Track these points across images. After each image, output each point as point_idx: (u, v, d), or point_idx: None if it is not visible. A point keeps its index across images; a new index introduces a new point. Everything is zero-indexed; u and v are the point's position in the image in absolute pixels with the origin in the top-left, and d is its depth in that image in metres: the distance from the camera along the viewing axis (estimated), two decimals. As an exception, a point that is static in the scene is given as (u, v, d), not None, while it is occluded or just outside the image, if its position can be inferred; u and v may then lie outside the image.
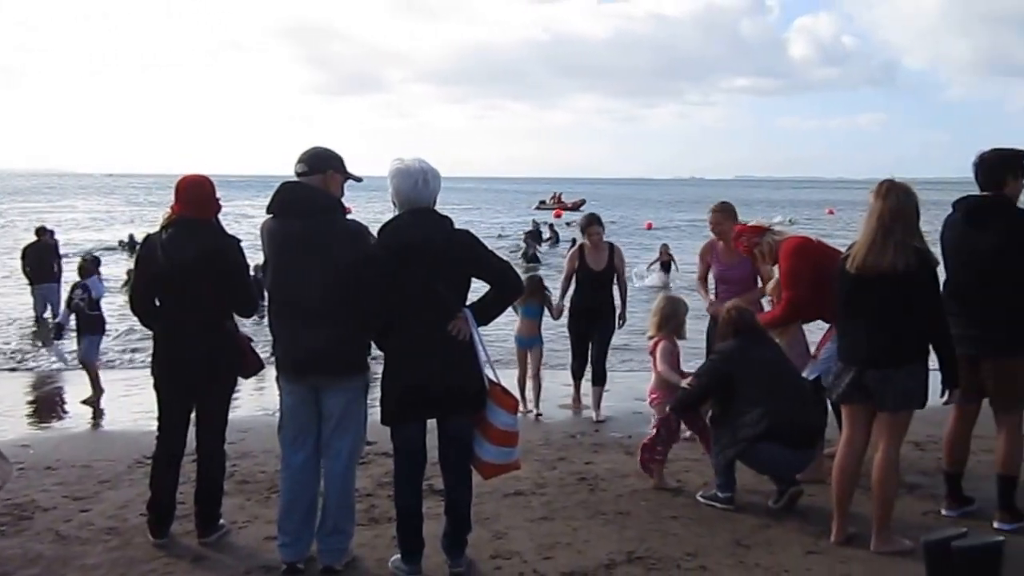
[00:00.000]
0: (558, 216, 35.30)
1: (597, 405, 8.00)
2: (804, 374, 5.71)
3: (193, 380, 4.78)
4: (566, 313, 8.22)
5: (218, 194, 4.92)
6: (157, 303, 4.83)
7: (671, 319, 6.07)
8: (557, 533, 5.02)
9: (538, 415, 8.10)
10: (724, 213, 7.13)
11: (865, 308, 4.63)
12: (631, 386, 9.06)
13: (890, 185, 4.64)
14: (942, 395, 4.70)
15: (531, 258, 27.04)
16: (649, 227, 43.58)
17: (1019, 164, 5.06)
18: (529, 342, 8.31)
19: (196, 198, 4.79)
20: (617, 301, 8.05)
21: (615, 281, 8.05)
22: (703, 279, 7.37)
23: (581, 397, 8.37)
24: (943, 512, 5.26)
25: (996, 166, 5.05)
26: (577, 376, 8.33)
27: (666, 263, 21.59)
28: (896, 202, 4.57)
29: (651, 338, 6.10)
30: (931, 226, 4.92)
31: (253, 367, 5.05)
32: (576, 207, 62.53)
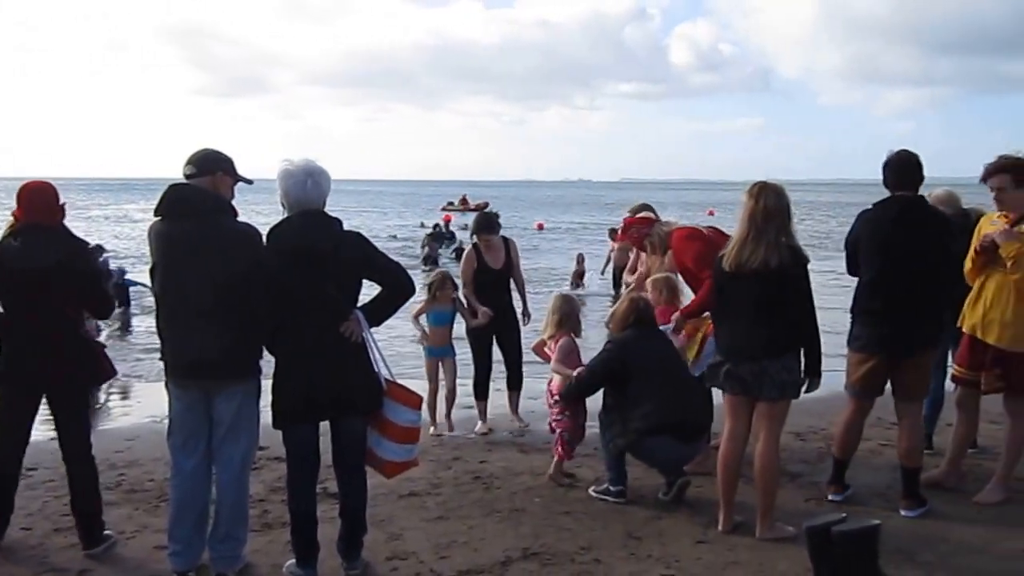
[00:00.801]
0: (447, 220, 35.19)
1: (516, 410, 7.52)
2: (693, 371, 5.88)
3: (45, 388, 4.64)
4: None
5: (62, 200, 4.77)
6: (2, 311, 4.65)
7: (570, 317, 6.15)
8: (453, 532, 5.05)
9: (451, 432, 7.35)
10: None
11: (740, 303, 4.82)
12: (526, 385, 9.09)
13: (762, 186, 4.84)
14: (802, 384, 4.90)
15: (430, 260, 26.58)
16: (540, 227, 43.85)
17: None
18: (440, 352, 7.44)
19: (42, 205, 4.64)
20: (517, 298, 7.69)
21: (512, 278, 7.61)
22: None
23: (487, 418, 7.55)
24: (830, 497, 5.46)
25: (916, 166, 5.26)
26: (483, 395, 7.54)
27: (580, 273, 20.97)
28: (768, 202, 4.76)
29: (551, 337, 6.17)
30: (812, 224, 5.15)
31: (106, 375, 4.99)
32: (480, 209, 62.79)
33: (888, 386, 5.39)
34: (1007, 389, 5.41)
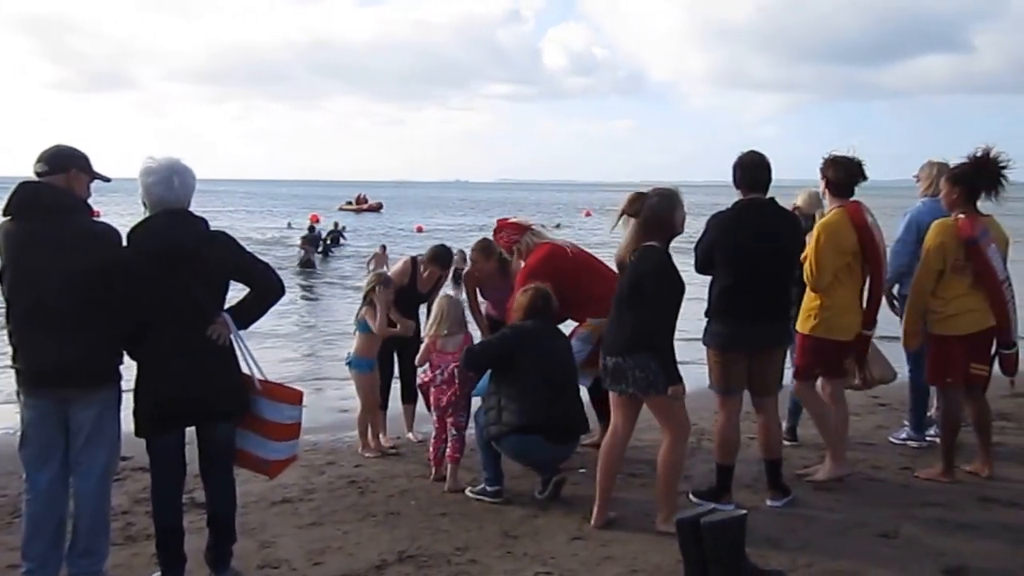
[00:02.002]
0: (315, 220, 34.65)
1: (411, 425, 7.17)
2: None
3: None
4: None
5: None
6: None
7: (450, 317, 6.11)
8: (327, 538, 4.96)
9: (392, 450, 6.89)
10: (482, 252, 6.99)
11: (615, 301, 4.97)
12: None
13: (639, 194, 4.98)
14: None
15: (306, 263, 25.97)
16: (419, 230, 43.43)
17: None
18: (369, 364, 6.78)
19: None
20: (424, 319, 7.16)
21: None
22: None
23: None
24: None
25: (765, 167, 5.41)
26: (383, 407, 7.13)
27: (459, 272, 20.69)
28: (646, 206, 4.90)
29: (432, 337, 6.10)
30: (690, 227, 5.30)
31: None
32: (375, 209, 62.45)
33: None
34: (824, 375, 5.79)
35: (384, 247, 21.68)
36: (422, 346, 6.10)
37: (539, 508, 5.40)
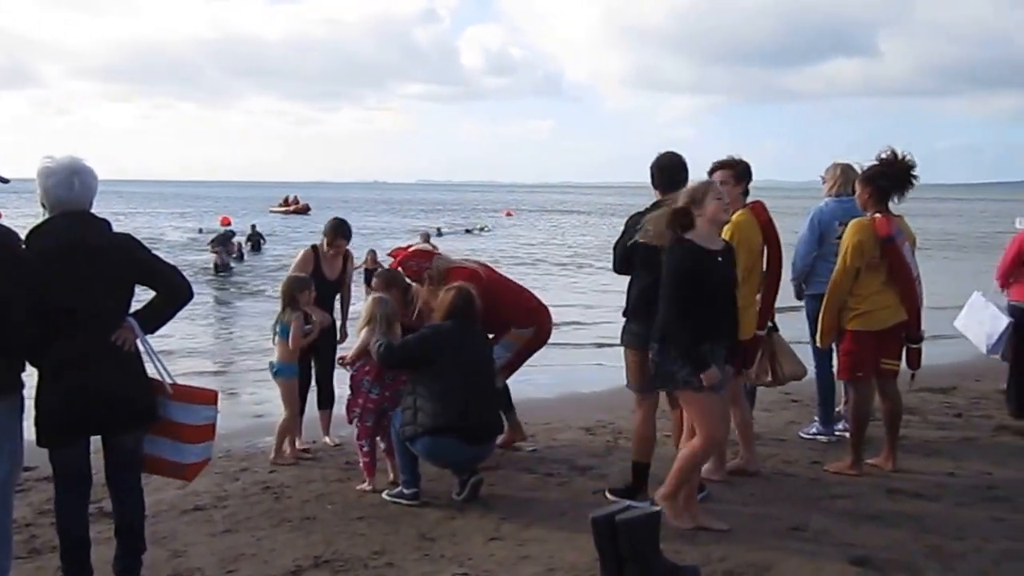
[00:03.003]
0: (227, 223, 33.80)
1: (328, 429, 7.02)
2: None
3: None
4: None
5: None
6: None
7: (387, 317, 6.04)
8: (240, 545, 4.87)
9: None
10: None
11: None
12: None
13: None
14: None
15: (221, 268, 25.13)
16: None
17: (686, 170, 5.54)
18: (293, 370, 6.61)
19: None
20: (338, 313, 7.26)
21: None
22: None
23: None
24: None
25: (682, 168, 5.48)
26: (301, 411, 6.87)
27: (371, 271, 20.21)
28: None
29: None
30: (605, 228, 5.34)
31: None
32: (303, 211, 61.87)
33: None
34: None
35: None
36: (356, 344, 5.96)
37: (457, 510, 5.38)
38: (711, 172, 5.77)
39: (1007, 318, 7.39)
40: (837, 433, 6.82)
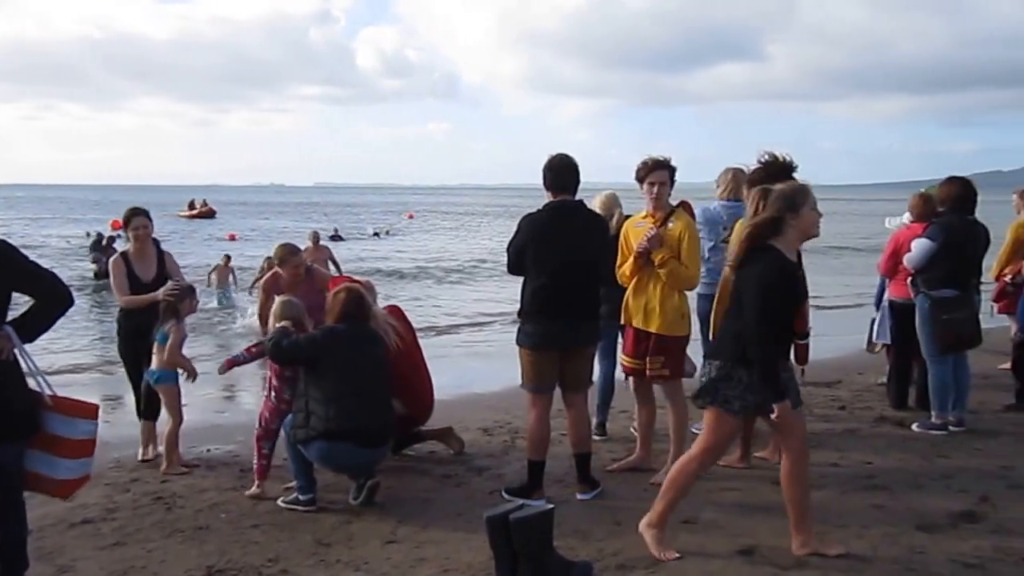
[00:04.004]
0: (116, 227, 32.66)
1: (148, 441, 6.64)
2: None
3: None
4: (116, 337, 6.82)
5: None
6: None
7: (295, 319, 5.95)
8: (130, 558, 4.76)
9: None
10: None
11: None
12: (209, 400, 8.74)
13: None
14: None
15: (104, 274, 24.22)
16: (232, 238, 41.30)
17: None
18: (175, 376, 6.43)
19: None
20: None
21: None
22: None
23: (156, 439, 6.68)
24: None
25: (573, 170, 5.55)
26: (148, 415, 6.68)
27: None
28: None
29: None
30: (501, 229, 5.38)
31: None
32: (209, 215, 60.46)
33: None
34: (668, 375, 5.93)
35: (228, 257, 20.00)
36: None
37: (353, 514, 5.36)
38: (647, 171, 5.77)
39: (885, 304, 7.75)
40: (727, 428, 7.00)
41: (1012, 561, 4.51)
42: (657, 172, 5.77)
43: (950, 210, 7.09)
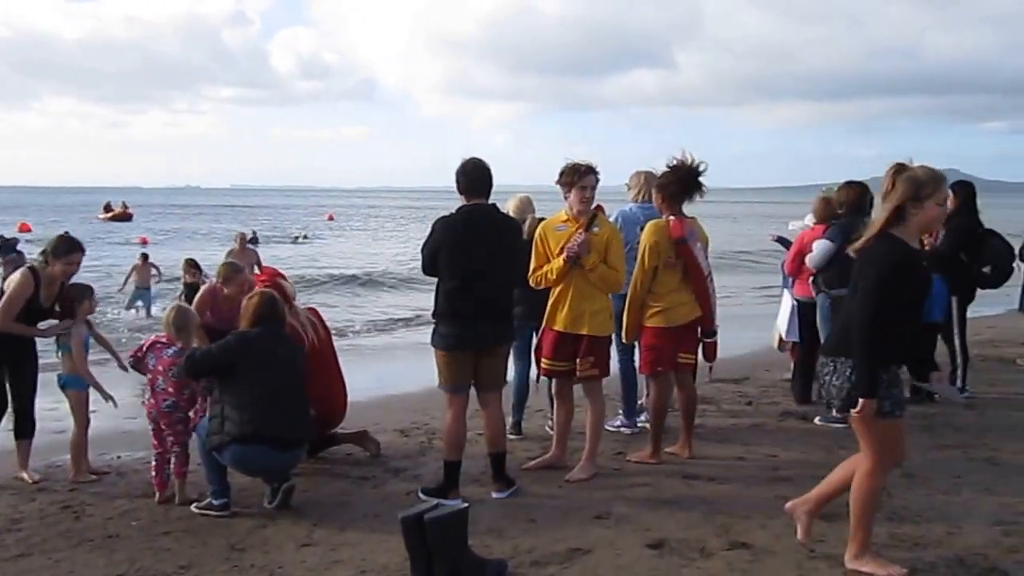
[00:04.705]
0: (25, 230, 31.58)
1: (26, 463, 6.25)
2: None
3: None
4: None
5: None
6: None
7: (186, 327, 5.89)
8: (36, 569, 4.66)
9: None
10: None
11: None
12: (119, 405, 8.54)
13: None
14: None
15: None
16: (144, 242, 40.18)
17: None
18: (82, 382, 6.24)
19: None
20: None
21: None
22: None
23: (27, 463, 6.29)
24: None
25: (487, 173, 5.63)
26: (22, 433, 6.28)
27: (193, 286, 18.97)
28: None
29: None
30: (422, 230, 5.44)
31: None
32: (126, 217, 59.11)
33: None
34: (597, 375, 6.05)
35: (146, 256, 19.11)
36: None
37: (268, 518, 5.34)
38: (578, 176, 5.86)
39: (791, 300, 8.01)
40: (639, 424, 7.18)
41: (906, 547, 4.72)
42: (589, 177, 5.91)
43: (848, 212, 7.40)
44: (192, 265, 14.75)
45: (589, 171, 5.92)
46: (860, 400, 4.13)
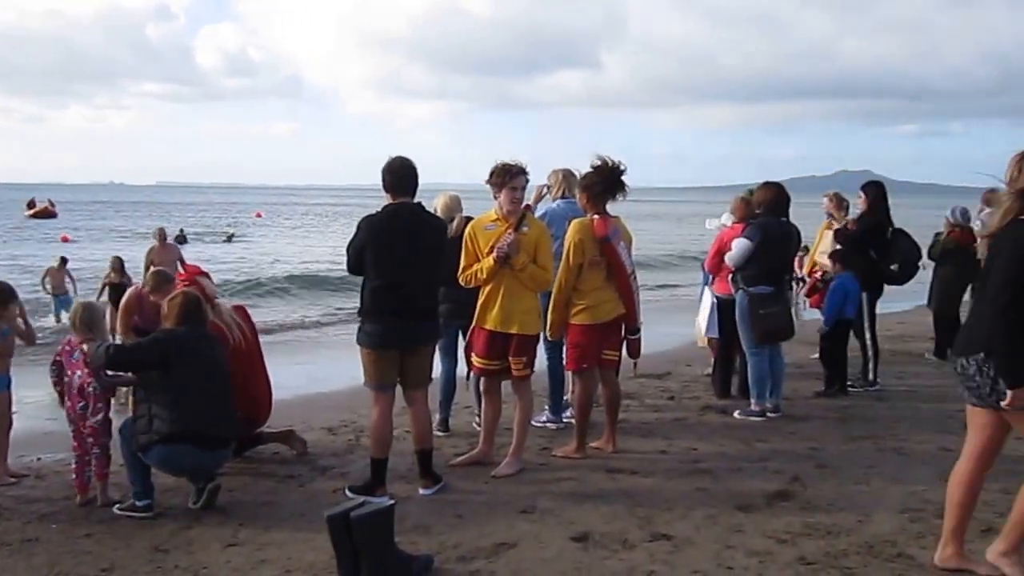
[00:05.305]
0: None
1: None
2: None
3: None
4: None
5: None
6: None
7: (96, 322, 5.80)
8: (-49, 575, 4.58)
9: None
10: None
11: None
12: (40, 406, 8.36)
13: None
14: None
15: None
16: (65, 240, 39.02)
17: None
18: (6, 382, 6.17)
19: None
20: None
21: None
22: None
23: None
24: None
25: (413, 172, 5.64)
26: None
27: (118, 287, 18.05)
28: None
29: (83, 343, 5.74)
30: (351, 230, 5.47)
31: None
32: (50, 215, 57.51)
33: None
34: (529, 372, 6.15)
35: (64, 259, 18.10)
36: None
37: (193, 519, 5.30)
38: (509, 176, 5.93)
39: (711, 297, 8.22)
40: (565, 420, 7.29)
41: (819, 535, 4.90)
42: (519, 178, 5.99)
43: (766, 212, 7.63)
44: (119, 265, 14.24)
45: (520, 172, 6.00)
46: (1009, 392, 3.94)
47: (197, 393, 5.35)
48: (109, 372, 5.59)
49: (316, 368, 11.33)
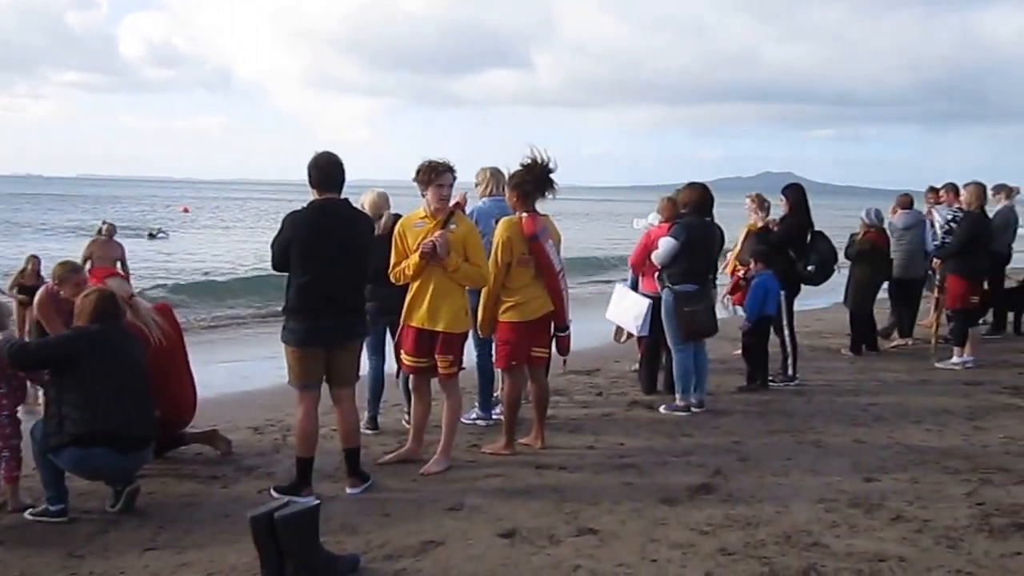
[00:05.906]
0: None
1: None
2: None
3: None
4: None
5: None
6: None
7: (2, 318, 5.64)
8: None
9: None
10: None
11: None
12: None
13: None
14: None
15: None
16: None
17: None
18: None
19: None
20: None
21: None
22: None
23: None
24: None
25: (339, 168, 5.59)
26: None
27: (32, 288, 17.24)
28: None
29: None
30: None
31: None
32: None
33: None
34: (456, 371, 6.14)
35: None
36: None
37: (110, 522, 5.17)
38: (435, 174, 5.94)
39: (647, 299, 8.33)
40: (494, 417, 7.30)
41: (739, 527, 5.01)
42: (446, 175, 5.99)
43: (691, 212, 7.76)
44: (37, 267, 13.53)
45: (446, 169, 6.00)
46: None
47: (110, 392, 5.22)
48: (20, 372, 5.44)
49: (242, 366, 11.17)
